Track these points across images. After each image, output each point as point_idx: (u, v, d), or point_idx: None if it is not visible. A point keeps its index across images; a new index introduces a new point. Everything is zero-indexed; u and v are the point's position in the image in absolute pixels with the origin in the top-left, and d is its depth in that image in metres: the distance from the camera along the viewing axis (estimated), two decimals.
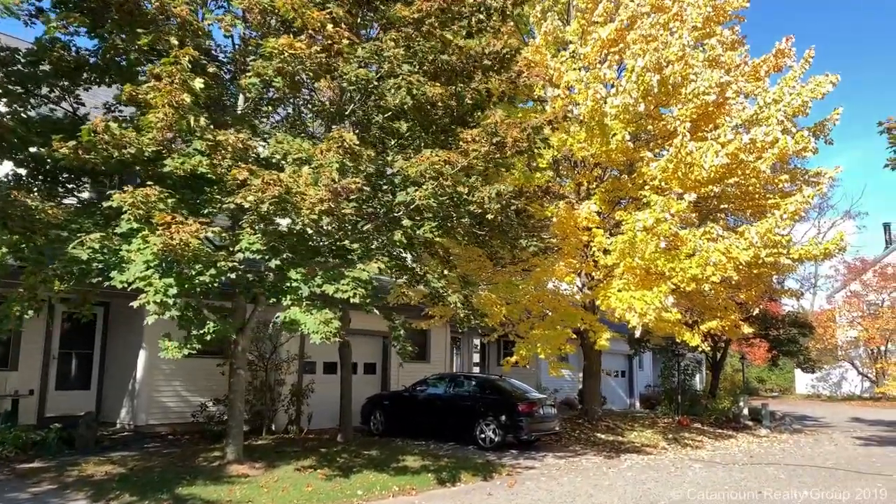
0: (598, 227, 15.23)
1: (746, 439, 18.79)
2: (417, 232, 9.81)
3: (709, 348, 15.45)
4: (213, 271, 7.51)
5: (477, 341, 24.58)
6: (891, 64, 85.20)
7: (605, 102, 13.37)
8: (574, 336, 15.21)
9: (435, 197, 9.04)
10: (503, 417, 14.57)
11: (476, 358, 25.71)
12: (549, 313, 15.81)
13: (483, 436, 14.68)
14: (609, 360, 28.33)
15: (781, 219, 14.58)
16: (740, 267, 16.61)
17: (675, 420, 20.50)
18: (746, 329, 16.85)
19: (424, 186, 9.00)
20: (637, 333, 13.98)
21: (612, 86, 14.76)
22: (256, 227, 7.93)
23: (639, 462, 13.91)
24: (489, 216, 9.49)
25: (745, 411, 21.54)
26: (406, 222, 9.78)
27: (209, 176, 7.95)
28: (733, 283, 17.43)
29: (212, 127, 7.99)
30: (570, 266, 14.93)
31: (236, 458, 10.39)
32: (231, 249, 8.25)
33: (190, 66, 8.06)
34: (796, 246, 15.99)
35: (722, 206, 17.29)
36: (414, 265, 11.17)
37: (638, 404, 28.64)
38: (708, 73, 14.60)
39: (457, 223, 10.11)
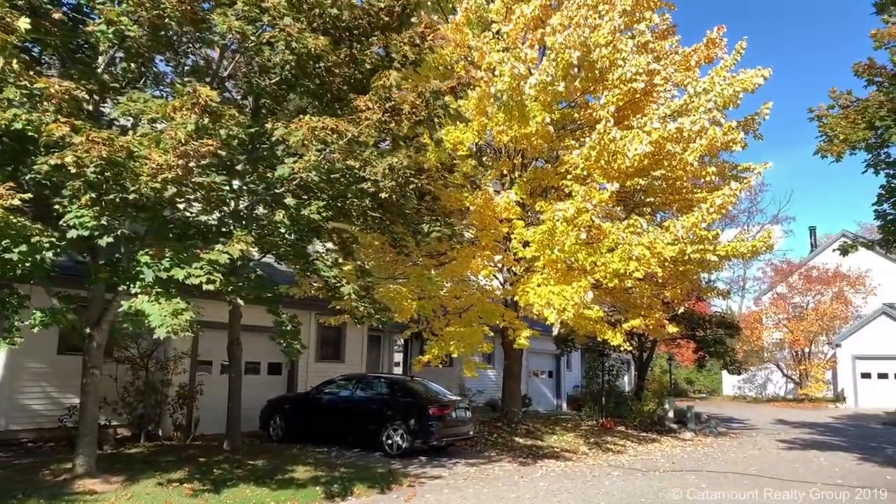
0: (519, 219, 14.27)
1: (670, 443, 18.15)
2: (303, 212, 8.57)
3: (631, 348, 14.65)
4: (23, 248, 6.13)
5: (402, 340, 23.44)
6: (819, 74, 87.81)
7: (525, 82, 12.37)
8: (492, 334, 14.22)
9: (318, 170, 7.83)
10: (412, 422, 13.44)
11: (399, 357, 24.57)
12: (469, 310, 14.79)
13: (390, 442, 13.53)
14: (536, 360, 27.61)
15: (708, 213, 13.90)
16: (666, 263, 15.94)
17: (599, 423, 19.76)
18: (671, 328, 16.16)
19: (306, 157, 7.77)
20: (555, 331, 13.07)
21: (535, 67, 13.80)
22: (87, 197, 6.54)
23: (555, 469, 12.97)
24: (383, 195, 8.32)
25: (671, 413, 21.00)
26: (290, 201, 8.53)
27: (31, 134, 6.53)
28: (659, 280, 16.76)
29: (31, 74, 6.57)
30: (488, 259, 13.89)
31: (87, 470, 8.95)
32: (64, 225, 6.84)
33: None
34: (723, 242, 15.33)
35: (648, 200, 16.57)
36: (310, 253, 9.89)
37: (565, 405, 27.96)
38: (636, 59, 13.79)
39: (350, 204, 8.90)
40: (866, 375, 35.02)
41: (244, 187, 9.02)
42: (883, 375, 34.39)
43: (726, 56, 16.10)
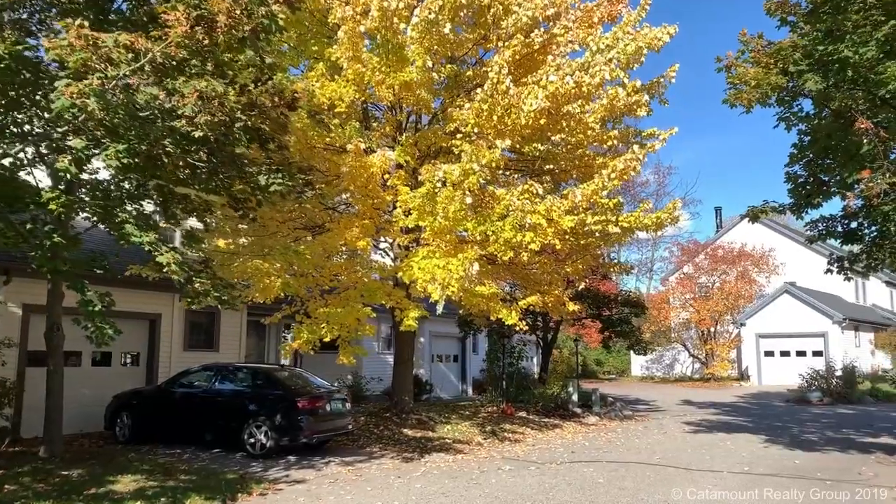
0: (405, 185, 12.62)
1: (573, 429, 17.01)
2: (94, 157, 6.64)
3: (527, 327, 13.31)
4: None
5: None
6: None
7: (400, 18, 10.71)
8: (374, 315, 12.57)
9: (102, 99, 5.92)
10: (278, 417, 11.70)
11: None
12: (351, 289, 13.08)
13: (253, 440, 11.75)
14: (440, 344, 26.21)
15: (609, 179, 12.66)
16: (566, 236, 14.72)
17: (500, 409, 18.47)
18: (571, 307, 14.94)
19: (86, 81, 5.87)
20: (439, 309, 11.51)
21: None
22: None
23: (440, 465, 11.49)
24: (197, 133, 6.51)
25: (575, 397, 19.94)
26: (76, 143, 6.59)
27: None
28: (559, 255, 15.55)
29: None
30: (365, 230, 12.20)
31: None
32: None
33: None
34: (625, 214, 14.14)
35: (548, 168, 15.23)
36: (120, 214, 7.90)
37: (471, 391, 26.70)
38: (532, 3, 12.38)
39: (162, 148, 7.02)
40: (769, 354, 35.34)
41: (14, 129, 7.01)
42: (785, 353, 34.75)
43: (632, 11, 14.90)
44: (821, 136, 10.18)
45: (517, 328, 13.29)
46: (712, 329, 37.69)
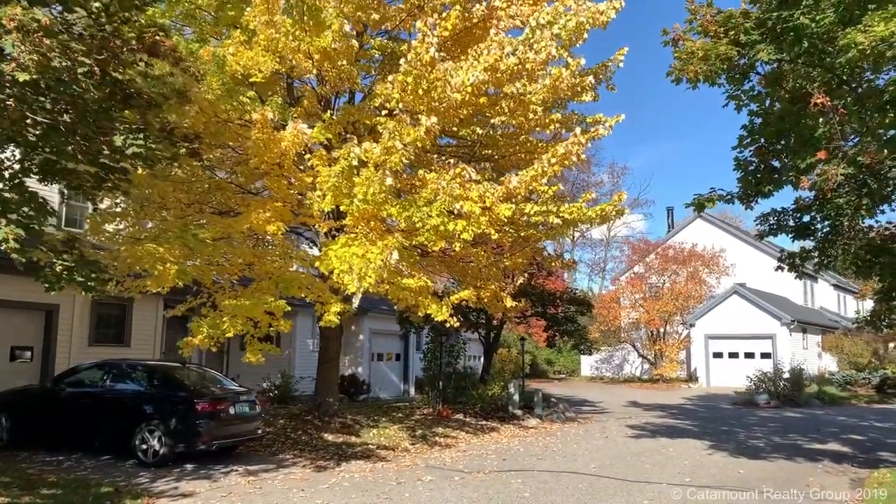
0: (326, 165, 11.41)
1: (510, 433, 16.04)
2: None
3: (458, 323, 12.25)
4: None
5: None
6: None
7: None
8: (289, 308, 11.37)
9: None
10: (174, 421, 10.43)
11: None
12: (267, 279, 11.84)
13: (145, 447, 10.45)
14: (381, 342, 25.04)
15: (549, 164, 11.65)
16: (505, 227, 13.75)
17: (437, 410, 17.41)
18: (510, 302, 13.92)
19: None
20: (356, 302, 10.42)
21: None
22: None
23: (354, 476, 10.35)
24: (22, 77, 5.26)
25: (516, 398, 18.98)
26: None
27: None
28: (496, 247, 14.58)
29: None
30: (279, 214, 10.96)
31: None
32: None
33: None
34: (567, 204, 13.18)
35: (487, 153, 14.22)
36: None
37: (413, 391, 25.59)
38: None
39: None
40: (718, 355, 35.02)
41: None
42: (733, 355, 34.44)
43: None
44: (773, 119, 9.36)
45: (448, 324, 12.21)
46: (662, 329, 37.25)
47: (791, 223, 11.73)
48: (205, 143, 11.20)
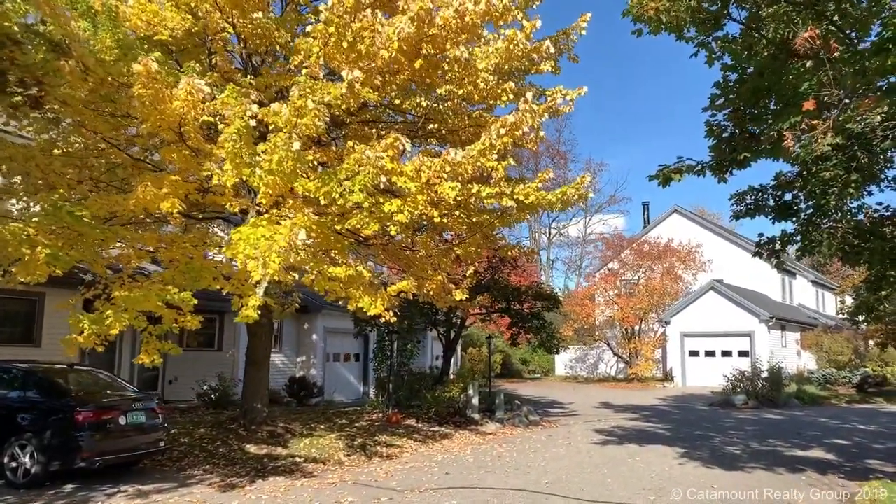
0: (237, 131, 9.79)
1: (464, 440, 14.54)
2: None
3: (394, 318, 10.73)
4: None
5: None
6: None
7: None
8: (195, 301, 9.78)
9: None
10: (49, 434, 8.83)
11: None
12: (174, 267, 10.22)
13: (14, 465, 8.84)
14: (337, 342, 23.45)
15: (498, 135, 10.20)
16: (455, 212, 12.38)
17: (386, 416, 15.86)
18: (459, 295, 12.41)
19: None
20: (260, 292, 8.86)
21: None
22: None
23: (263, 497, 8.83)
24: None
25: (475, 400, 17.49)
26: None
27: None
28: (455, 235, 13.13)
29: None
30: (176, 188, 9.34)
31: None
32: None
33: None
34: (523, 186, 11.72)
35: (432, 128, 12.73)
36: None
37: (373, 393, 24.01)
38: None
39: None
40: (694, 353, 33.75)
41: None
42: (710, 353, 33.20)
43: None
44: (751, 75, 7.96)
45: (383, 319, 10.71)
46: (637, 327, 35.94)
47: (771, 202, 10.35)
48: (90, 109, 9.62)
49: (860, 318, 11.76)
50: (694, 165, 8.70)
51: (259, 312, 9.59)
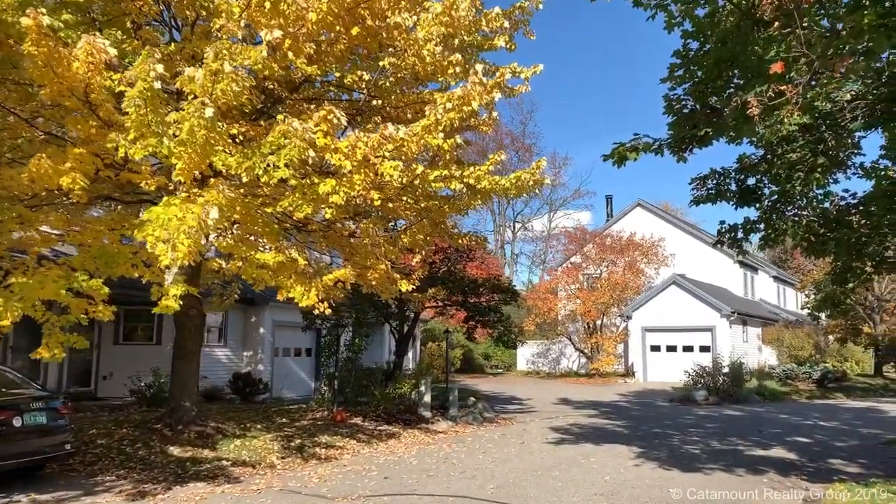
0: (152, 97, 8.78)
1: (412, 439, 13.73)
2: None
3: (329, 311, 9.86)
4: None
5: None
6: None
7: None
8: (105, 290, 8.81)
9: None
10: None
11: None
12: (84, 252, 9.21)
13: None
14: (287, 336, 22.42)
15: (445, 110, 9.42)
16: (402, 196, 11.60)
17: (331, 414, 14.99)
18: (405, 286, 11.58)
19: None
20: (169, 279, 7.92)
21: None
22: None
23: None
24: None
25: (428, 398, 16.69)
26: None
27: None
28: (389, 218, 12.30)
29: None
30: (81, 162, 8.34)
31: None
32: None
33: None
34: (473, 169, 10.92)
35: (375, 104, 11.86)
36: None
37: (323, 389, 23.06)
38: None
39: None
40: (656, 348, 33.38)
41: None
42: (672, 348, 32.86)
43: None
44: (714, 44, 7.27)
45: (317, 311, 9.84)
46: (598, 322, 35.46)
47: (733, 187, 9.70)
48: None
49: (826, 311, 11.22)
50: (651, 143, 7.97)
51: (181, 303, 8.67)
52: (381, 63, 10.82)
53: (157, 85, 7.13)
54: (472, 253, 20.02)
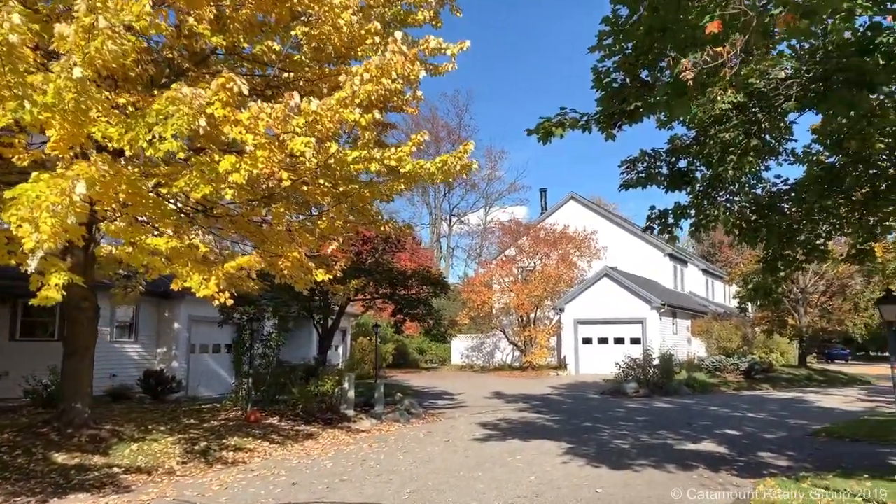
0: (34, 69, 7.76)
1: (331, 440, 12.92)
2: None
3: (231, 301, 8.99)
4: None
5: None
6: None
7: None
8: None
9: None
10: None
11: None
12: None
13: None
14: (205, 331, 21.19)
15: (362, 82, 8.68)
16: (320, 181, 10.85)
17: (245, 414, 14.04)
18: (321, 276, 10.75)
19: None
20: (32, 266, 6.90)
21: None
22: None
23: None
24: None
25: (351, 394, 15.89)
26: None
27: None
28: (301, 200, 11.43)
29: None
30: None
31: None
32: None
33: None
34: (393, 150, 10.18)
35: (288, 77, 11.00)
36: None
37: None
38: None
39: None
40: (588, 341, 33.34)
41: None
42: (603, 340, 32.86)
43: None
44: (646, 13, 6.73)
45: (216, 302, 8.94)
46: (532, 315, 35.21)
47: (664, 170, 9.25)
48: None
49: (757, 301, 10.93)
50: (578, 119, 7.40)
51: (65, 294, 7.65)
52: (293, 32, 9.98)
53: (14, 38, 6.12)
54: (402, 243, 19.28)
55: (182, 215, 9.76)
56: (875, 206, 9.70)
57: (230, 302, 9.00)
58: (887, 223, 10.14)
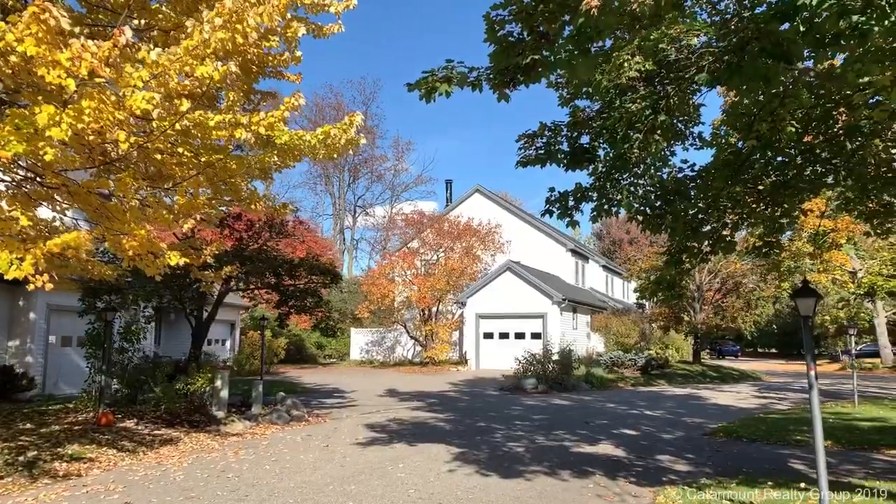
0: None
1: (193, 445, 11.40)
2: None
3: (52, 285, 7.44)
4: None
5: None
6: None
7: None
8: None
9: None
10: None
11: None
12: None
13: None
14: (68, 322, 18.93)
15: (213, 29, 7.35)
16: (179, 150, 9.49)
17: (96, 416, 12.31)
18: (175, 259, 9.26)
19: None
20: None
21: None
22: None
23: None
24: None
25: (224, 394, 14.35)
26: None
27: None
28: (152, 170, 9.88)
29: None
30: None
31: None
32: None
33: None
34: (263, 115, 8.82)
35: (139, 24, 9.45)
36: None
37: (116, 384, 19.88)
38: None
39: None
40: (489, 335, 32.70)
41: None
42: (504, 335, 32.31)
43: None
44: None
45: (31, 286, 7.38)
46: (434, 309, 34.27)
47: (565, 147, 8.32)
48: None
49: (659, 295, 10.21)
50: (467, 74, 6.32)
51: None
52: None
53: None
54: (286, 228, 17.76)
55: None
56: (782, 196, 9.16)
57: (49, 286, 7.45)
58: (794, 214, 9.65)
